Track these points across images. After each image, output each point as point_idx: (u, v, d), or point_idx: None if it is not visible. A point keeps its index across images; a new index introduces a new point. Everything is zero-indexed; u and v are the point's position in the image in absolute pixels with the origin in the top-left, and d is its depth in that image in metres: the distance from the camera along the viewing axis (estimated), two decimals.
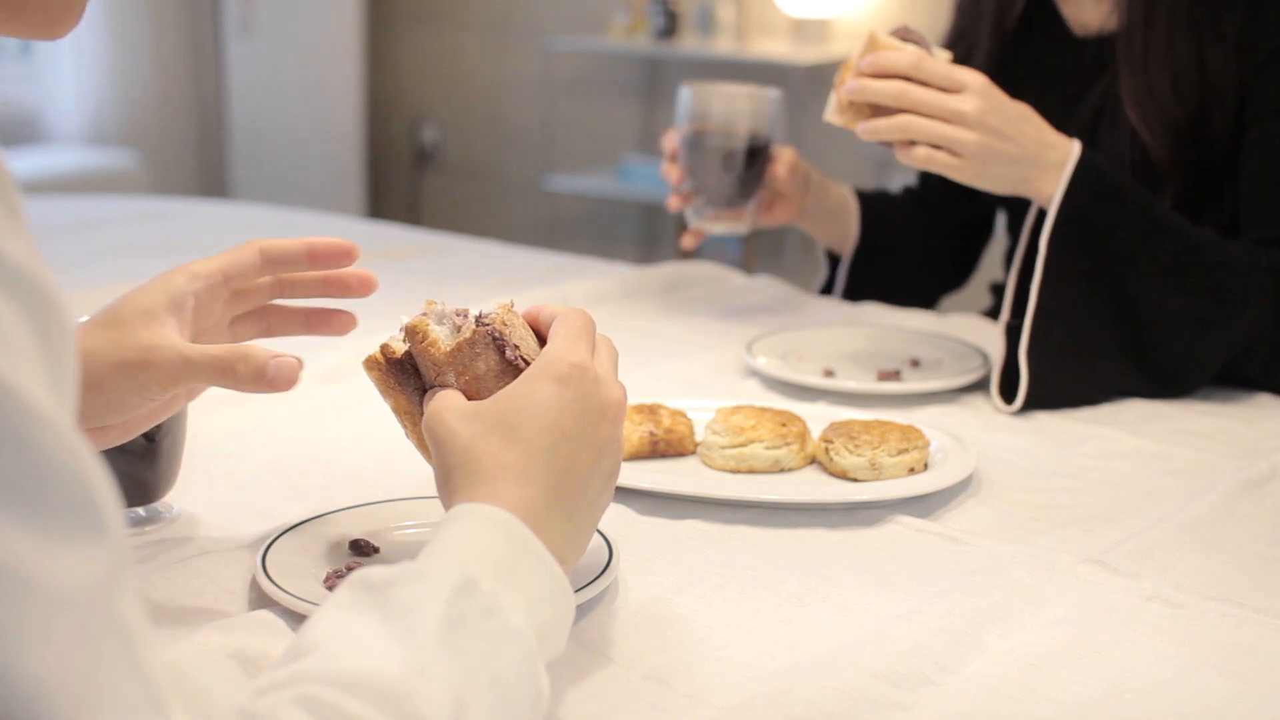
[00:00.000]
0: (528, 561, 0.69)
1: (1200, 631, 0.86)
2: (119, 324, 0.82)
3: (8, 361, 0.46)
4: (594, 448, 0.76)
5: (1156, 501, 1.07)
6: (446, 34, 4.76)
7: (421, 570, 0.65)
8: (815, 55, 3.78)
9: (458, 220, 4.68)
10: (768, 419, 1.10)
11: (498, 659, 0.63)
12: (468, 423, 0.75)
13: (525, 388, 0.76)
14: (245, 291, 0.90)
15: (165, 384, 0.82)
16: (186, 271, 0.86)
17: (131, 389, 0.81)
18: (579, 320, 0.80)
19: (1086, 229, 1.26)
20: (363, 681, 0.57)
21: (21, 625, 0.45)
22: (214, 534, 0.94)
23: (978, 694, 0.77)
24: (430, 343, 0.81)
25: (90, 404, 0.82)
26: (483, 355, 0.80)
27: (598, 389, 0.77)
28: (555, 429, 0.74)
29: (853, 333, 1.51)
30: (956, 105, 1.23)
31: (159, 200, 2.47)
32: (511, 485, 0.72)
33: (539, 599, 0.68)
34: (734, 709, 0.74)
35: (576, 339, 0.78)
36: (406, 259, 1.97)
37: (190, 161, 4.70)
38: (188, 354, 0.81)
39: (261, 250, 0.88)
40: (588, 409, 0.76)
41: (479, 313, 0.82)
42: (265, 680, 0.57)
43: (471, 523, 0.70)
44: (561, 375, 0.76)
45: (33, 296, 0.48)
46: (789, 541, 0.98)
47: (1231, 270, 1.29)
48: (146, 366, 0.81)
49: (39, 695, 0.45)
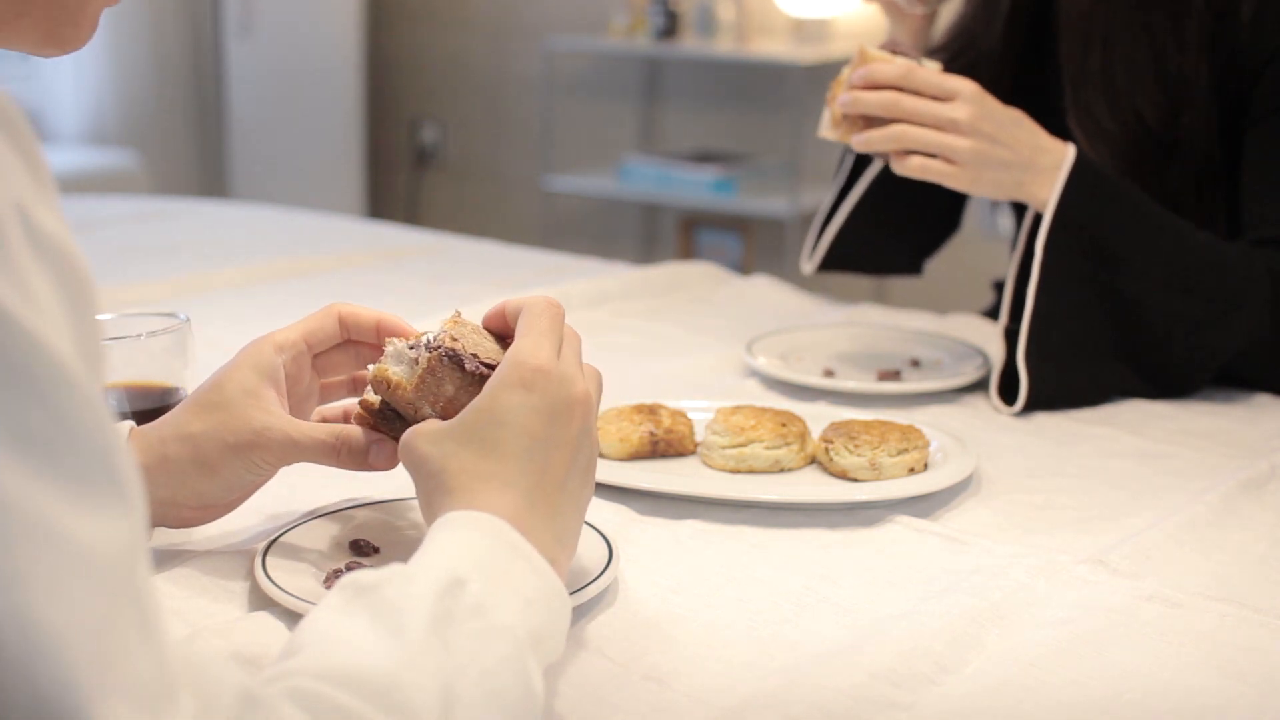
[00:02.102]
0: (518, 565, 0.69)
1: (1200, 631, 0.85)
2: (225, 406, 0.85)
3: (44, 325, 0.47)
4: (567, 446, 0.76)
5: (1156, 501, 1.07)
6: (446, 34, 4.76)
7: (410, 572, 0.66)
8: (815, 55, 3.78)
9: (458, 220, 4.68)
10: (768, 419, 1.10)
11: (486, 655, 0.63)
12: (437, 444, 0.76)
13: (490, 400, 0.76)
14: (329, 357, 0.93)
15: (275, 464, 0.86)
16: (272, 342, 0.88)
17: (245, 469, 0.85)
18: (544, 314, 0.80)
19: (1082, 232, 1.26)
20: (353, 676, 0.58)
21: (43, 575, 0.45)
22: (214, 534, 0.94)
23: (978, 694, 0.77)
24: (396, 386, 0.83)
25: (206, 486, 0.86)
26: (446, 377, 0.81)
27: (563, 388, 0.76)
28: (526, 434, 0.75)
29: (853, 333, 1.51)
30: (949, 113, 1.23)
31: (159, 200, 2.47)
32: (493, 494, 0.73)
33: (533, 600, 0.68)
34: (734, 709, 0.74)
35: (540, 337, 0.78)
36: (406, 259, 1.97)
37: (190, 161, 4.70)
38: (295, 437, 0.85)
39: (340, 316, 0.91)
40: (555, 410, 0.76)
41: (427, 338, 0.83)
42: (259, 677, 0.58)
43: (458, 529, 0.70)
44: (525, 381, 0.76)
45: (64, 267, 0.49)
46: (789, 541, 0.98)
47: (1228, 271, 1.29)
48: (257, 448, 0.85)
49: (53, 647, 0.45)
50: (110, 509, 0.48)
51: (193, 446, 0.85)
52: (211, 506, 0.88)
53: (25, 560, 0.45)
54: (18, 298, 0.46)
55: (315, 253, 1.97)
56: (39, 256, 0.47)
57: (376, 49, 4.82)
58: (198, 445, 0.84)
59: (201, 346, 1.06)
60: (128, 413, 0.99)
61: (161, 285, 1.73)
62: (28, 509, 0.45)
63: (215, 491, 0.86)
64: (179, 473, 0.85)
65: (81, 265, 0.49)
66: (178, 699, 0.49)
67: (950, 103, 1.24)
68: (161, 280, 1.75)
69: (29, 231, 0.47)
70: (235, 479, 0.86)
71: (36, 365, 0.46)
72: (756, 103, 4.21)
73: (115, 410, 0.99)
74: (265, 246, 2.04)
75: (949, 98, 1.24)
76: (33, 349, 0.46)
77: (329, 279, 1.82)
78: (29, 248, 0.47)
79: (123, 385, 1.00)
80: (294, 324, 0.90)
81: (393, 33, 4.86)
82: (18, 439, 0.46)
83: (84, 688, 0.45)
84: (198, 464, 0.85)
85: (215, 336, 1.31)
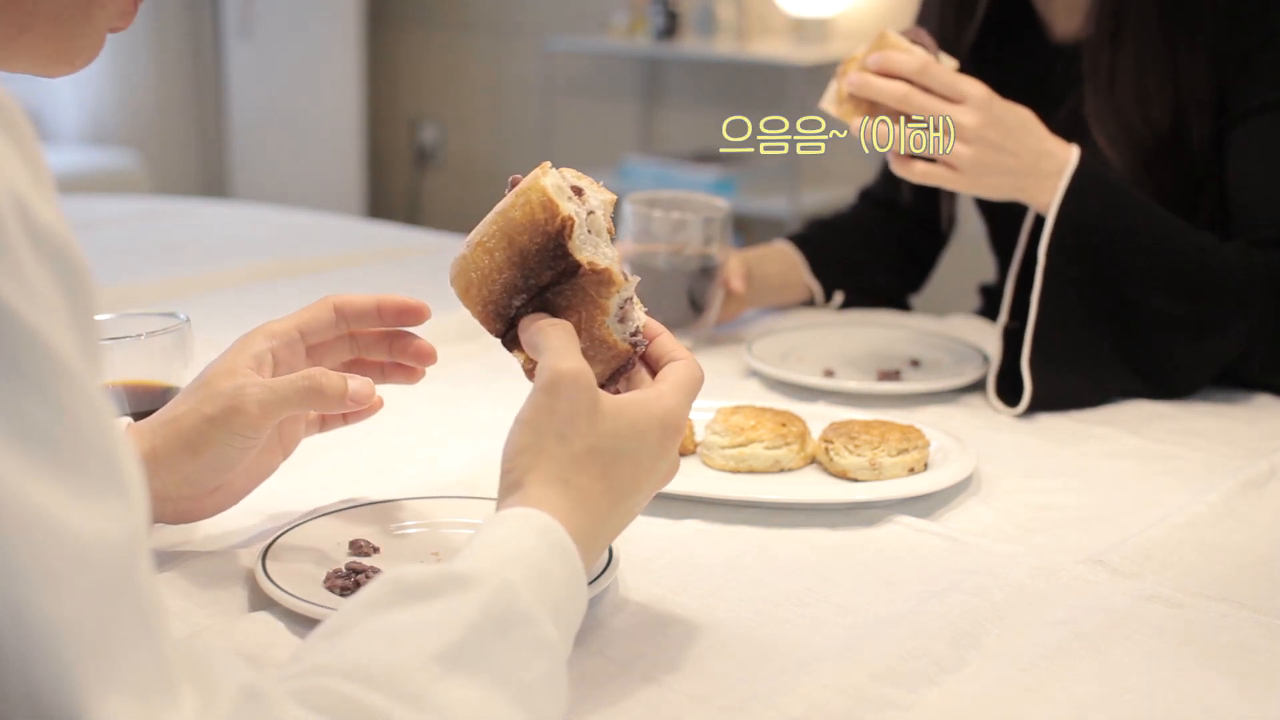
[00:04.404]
0: (572, 586, 0.69)
1: (1200, 631, 0.85)
2: (205, 385, 0.85)
3: (44, 319, 0.46)
4: (646, 498, 0.79)
5: (1156, 501, 1.07)
6: (446, 34, 4.76)
7: (461, 574, 0.64)
8: (815, 55, 3.78)
9: (458, 220, 4.68)
10: (768, 419, 1.10)
11: (529, 670, 0.62)
12: (590, 424, 0.74)
13: (645, 425, 0.76)
14: (324, 347, 0.92)
15: (256, 423, 0.83)
16: (264, 331, 0.88)
17: (226, 438, 0.83)
18: (697, 377, 0.81)
19: (1084, 236, 1.26)
20: (384, 676, 0.56)
21: (42, 569, 0.45)
22: (214, 534, 0.94)
23: (978, 694, 0.77)
24: (600, 309, 0.78)
25: (192, 467, 0.84)
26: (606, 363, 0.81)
27: (676, 457, 0.79)
28: (638, 480, 0.76)
29: (853, 333, 1.51)
30: (956, 117, 1.23)
31: (159, 200, 2.47)
32: (583, 517, 0.73)
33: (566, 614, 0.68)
34: (734, 709, 0.74)
35: (689, 395, 0.79)
36: (406, 259, 1.97)
37: (190, 161, 4.70)
38: (272, 384, 0.83)
39: (335, 306, 0.90)
40: (662, 469, 0.78)
41: (639, 340, 0.81)
42: (271, 673, 0.57)
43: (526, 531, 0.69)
44: (673, 429, 0.77)
45: (63, 261, 0.49)
46: (789, 541, 0.98)
47: (1229, 273, 1.29)
48: (236, 410, 0.83)
49: (51, 642, 0.45)
50: (110, 502, 0.48)
51: (176, 428, 0.84)
52: (202, 495, 0.87)
53: (24, 554, 0.45)
54: (17, 291, 0.46)
55: (315, 253, 1.97)
56: (37, 250, 0.47)
57: (376, 49, 4.82)
58: (180, 426, 0.84)
59: (201, 346, 1.06)
60: (127, 413, 0.99)
61: (161, 285, 1.73)
62: (26, 502, 0.45)
63: (202, 472, 0.85)
64: (166, 459, 0.84)
65: (80, 259, 0.49)
66: (178, 693, 0.48)
67: (959, 106, 1.24)
68: (161, 280, 1.75)
69: (27, 225, 0.47)
70: (220, 455, 0.84)
71: (36, 358, 0.46)
72: (756, 103, 4.21)
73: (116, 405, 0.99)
74: (265, 246, 2.04)
75: (958, 100, 1.24)
76: (32, 342, 0.46)
77: (329, 279, 1.82)
78: (27, 241, 0.47)
79: (123, 385, 1.00)
80: (289, 315, 0.90)
81: (393, 33, 4.86)
82: (16, 432, 0.45)
83: (82, 682, 0.45)
84: (181, 444, 0.84)
85: (215, 336, 1.30)
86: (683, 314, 1.46)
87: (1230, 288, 1.29)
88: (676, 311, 1.46)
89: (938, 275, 1.81)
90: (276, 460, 0.92)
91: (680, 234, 1.45)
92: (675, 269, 1.44)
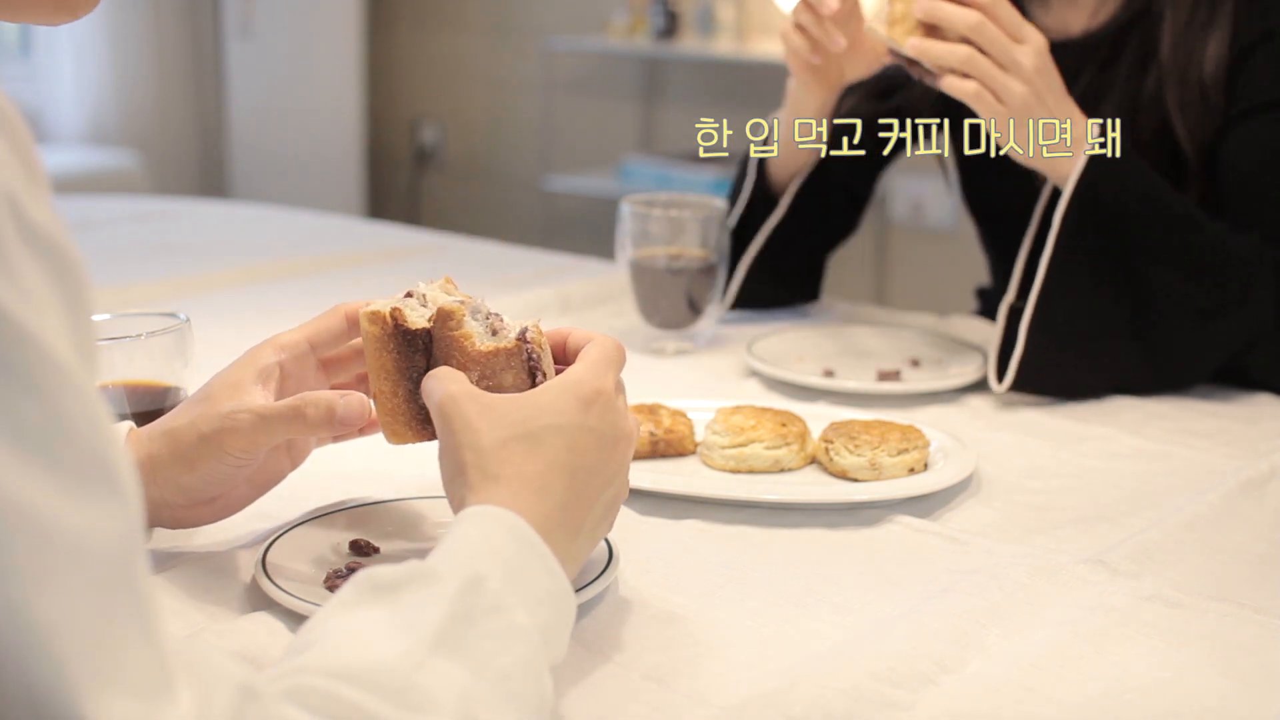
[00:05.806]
0: (534, 564, 0.69)
1: (1200, 631, 0.85)
2: (207, 400, 0.85)
3: (37, 318, 0.46)
4: (605, 475, 0.77)
5: (1156, 501, 1.07)
6: (446, 34, 4.76)
7: (429, 568, 0.65)
8: None
9: (458, 220, 4.68)
10: (768, 419, 1.10)
11: (505, 655, 0.63)
12: (491, 424, 0.75)
13: (551, 401, 0.76)
14: (341, 361, 0.91)
15: (246, 447, 0.83)
16: (273, 344, 0.88)
17: (217, 458, 0.84)
18: (613, 349, 0.81)
19: (1100, 210, 1.26)
20: (364, 672, 0.57)
21: (37, 569, 0.45)
22: (214, 534, 0.94)
23: (978, 694, 0.77)
24: (464, 335, 0.81)
25: (187, 479, 0.85)
26: (513, 370, 0.81)
27: (617, 419, 0.78)
28: (576, 449, 0.75)
29: (853, 333, 1.51)
30: (1017, 55, 1.24)
31: (159, 200, 2.47)
32: (531, 497, 0.73)
33: (543, 600, 0.68)
34: (734, 709, 0.74)
35: (606, 366, 0.79)
36: (406, 259, 1.97)
37: (190, 161, 4.70)
38: (261, 411, 0.83)
39: (346, 315, 0.89)
40: (604, 436, 0.77)
41: (521, 328, 0.82)
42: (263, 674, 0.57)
43: (483, 524, 0.70)
44: (586, 397, 0.77)
45: (58, 260, 0.49)
46: (789, 541, 0.98)
47: (1239, 264, 1.29)
48: (227, 433, 0.83)
49: (48, 642, 0.45)
50: (105, 502, 0.48)
51: (172, 441, 0.84)
52: (200, 504, 0.87)
53: (19, 554, 0.45)
54: (10, 291, 0.46)
55: (315, 253, 1.97)
56: (32, 249, 0.47)
57: (376, 49, 4.82)
58: (176, 439, 0.84)
59: (201, 346, 1.06)
60: (127, 413, 0.99)
61: (161, 285, 1.73)
62: (22, 502, 0.45)
63: (197, 485, 0.85)
64: (162, 468, 0.85)
65: (75, 258, 0.49)
66: (175, 692, 0.49)
67: (1021, 45, 1.24)
68: (161, 280, 1.75)
69: (21, 224, 0.47)
70: (212, 471, 0.84)
71: (30, 359, 0.46)
72: (756, 103, 4.21)
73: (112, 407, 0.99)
74: (265, 246, 2.04)
75: (1022, 41, 1.25)
76: (27, 342, 0.46)
77: (329, 279, 1.82)
78: (21, 240, 0.47)
79: (123, 385, 1.00)
80: (299, 326, 0.89)
81: (392, 33, 4.86)
82: (11, 432, 0.45)
83: (79, 682, 0.45)
84: (176, 457, 0.84)
85: (215, 336, 1.31)
86: (681, 314, 1.46)
87: (1238, 277, 1.29)
88: (675, 312, 1.46)
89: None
90: (284, 470, 0.92)
91: (679, 235, 1.45)
92: (673, 270, 1.44)
